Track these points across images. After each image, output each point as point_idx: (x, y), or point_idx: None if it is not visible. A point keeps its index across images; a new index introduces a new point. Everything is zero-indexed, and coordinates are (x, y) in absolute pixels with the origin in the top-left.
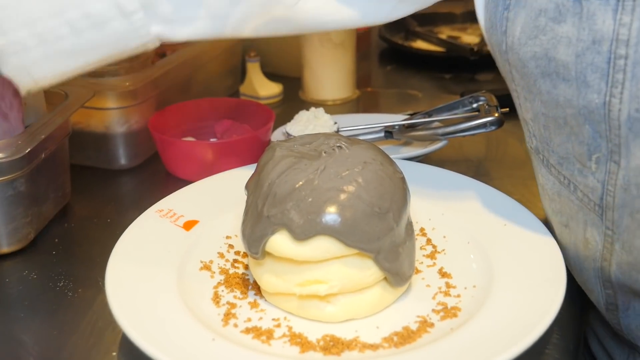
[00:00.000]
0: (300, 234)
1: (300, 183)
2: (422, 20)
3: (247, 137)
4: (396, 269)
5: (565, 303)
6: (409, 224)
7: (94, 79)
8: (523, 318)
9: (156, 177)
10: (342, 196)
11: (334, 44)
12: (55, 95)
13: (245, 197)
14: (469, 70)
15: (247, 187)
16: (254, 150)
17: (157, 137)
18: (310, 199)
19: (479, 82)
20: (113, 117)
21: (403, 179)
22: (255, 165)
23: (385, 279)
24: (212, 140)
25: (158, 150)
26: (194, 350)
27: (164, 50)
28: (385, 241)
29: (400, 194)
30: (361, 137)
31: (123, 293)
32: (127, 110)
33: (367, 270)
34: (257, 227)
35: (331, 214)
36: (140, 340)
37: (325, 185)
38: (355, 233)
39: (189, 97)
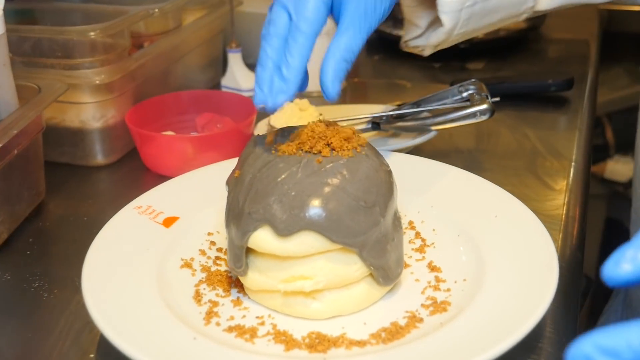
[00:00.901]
0: (284, 230)
1: (283, 177)
2: None
3: (229, 130)
4: (382, 264)
5: (558, 296)
6: (397, 218)
7: (68, 72)
8: (514, 311)
9: (134, 174)
10: (327, 189)
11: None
12: (27, 89)
13: (227, 193)
14: (459, 58)
15: (228, 183)
16: (235, 144)
17: (135, 131)
18: (293, 193)
19: (469, 70)
20: (88, 111)
21: (389, 172)
22: (237, 159)
23: (372, 274)
24: (192, 134)
25: (136, 145)
26: (174, 350)
27: (141, 41)
28: (371, 236)
29: (387, 187)
30: None
31: (100, 293)
32: (103, 104)
33: (353, 265)
34: (239, 224)
35: (315, 209)
36: (119, 340)
37: (308, 178)
38: (340, 228)
39: (168, 90)
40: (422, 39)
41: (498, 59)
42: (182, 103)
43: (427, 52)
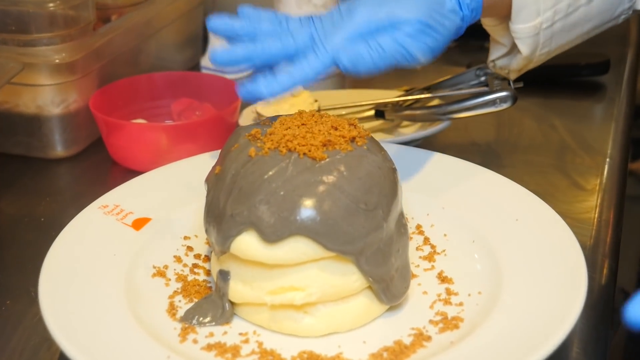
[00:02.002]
0: (271, 235)
1: (270, 173)
2: None
3: (209, 118)
4: (384, 276)
5: (586, 312)
6: (402, 224)
7: (23, 49)
8: (535, 330)
9: (99, 168)
10: (321, 189)
11: (314, 6)
12: None
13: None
14: (478, 36)
15: (207, 181)
16: (217, 135)
17: (100, 118)
18: (282, 193)
19: (489, 50)
20: (47, 95)
21: (394, 170)
22: (218, 152)
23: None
24: (167, 122)
25: (102, 135)
26: None
27: (108, 14)
28: (372, 244)
29: (391, 187)
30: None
31: (60, 305)
32: (64, 86)
33: (351, 275)
34: (219, 228)
35: (308, 211)
36: (82, 359)
37: (300, 175)
38: (336, 234)
39: (138, 71)
40: (507, 59)
41: None
42: (156, 86)
43: (512, 76)
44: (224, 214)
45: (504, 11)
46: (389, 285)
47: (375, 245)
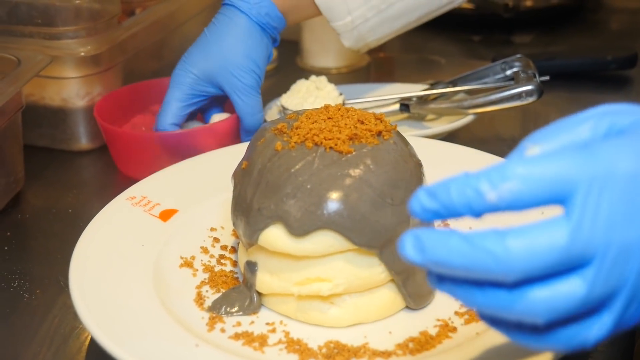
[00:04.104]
0: (298, 229)
1: (297, 167)
2: None
3: (222, 123)
4: (404, 269)
5: None
6: None
7: (49, 42)
8: None
9: None
10: (348, 182)
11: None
12: (4, 61)
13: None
14: (503, 30)
15: (234, 176)
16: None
17: (105, 126)
18: (309, 186)
19: (514, 44)
20: (72, 87)
21: (420, 164)
22: (243, 144)
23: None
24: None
25: (106, 141)
26: (174, 358)
27: (132, 7)
28: (396, 239)
29: (417, 181)
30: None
31: (90, 294)
32: (89, 79)
33: (377, 267)
34: (247, 222)
35: (334, 205)
36: (112, 346)
37: (327, 169)
38: (363, 229)
39: (162, 64)
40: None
41: (549, 32)
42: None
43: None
44: (251, 208)
45: (311, 12)
46: (409, 278)
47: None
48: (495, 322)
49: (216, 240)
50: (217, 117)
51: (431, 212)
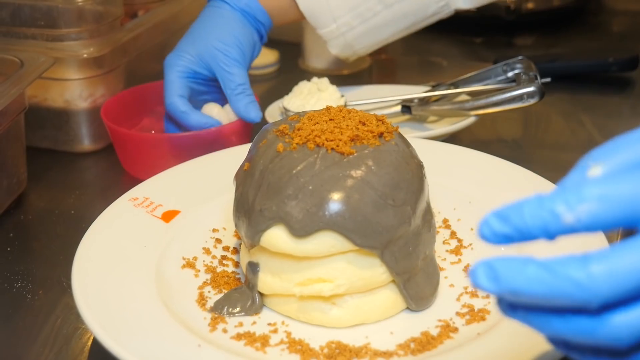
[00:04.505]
0: (300, 230)
1: (299, 168)
2: None
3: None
4: (405, 270)
5: None
6: (427, 220)
7: (52, 43)
8: None
9: None
10: (349, 183)
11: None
12: (7, 63)
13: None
14: (505, 32)
15: (236, 177)
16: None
17: (112, 128)
18: (310, 187)
19: (516, 46)
20: (74, 89)
21: (421, 166)
22: (245, 145)
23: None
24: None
25: (113, 144)
26: (177, 358)
27: (135, 9)
28: (398, 240)
29: (418, 183)
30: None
31: (93, 294)
32: (91, 81)
33: (378, 267)
34: (249, 223)
35: (336, 207)
36: (115, 346)
37: (328, 170)
38: (364, 230)
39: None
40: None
41: (551, 34)
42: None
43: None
44: (253, 209)
45: (296, 16)
46: (410, 279)
47: (401, 241)
48: (570, 347)
49: (218, 241)
50: (209, 107)
51: (503, 237)
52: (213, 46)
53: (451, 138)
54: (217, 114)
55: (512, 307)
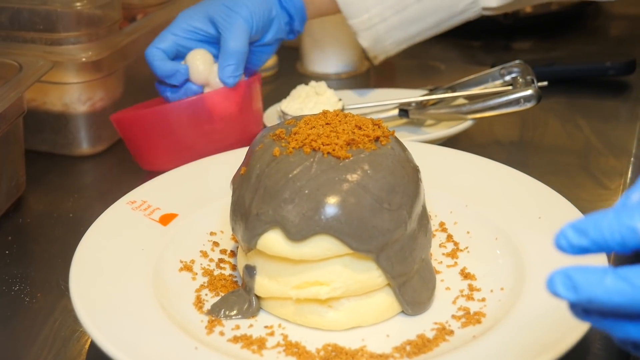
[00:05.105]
0: (296, 234)
1: (295, 172)
2: None
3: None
4: (401, 273)
5: None
6: (423, 224)
7: (51, 47)
8: (556, 325)
9: (125, 165)
10: (345, 187)
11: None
12: (5, 67)
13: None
14: (502, 36)
15: (233, 182)
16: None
17: (115, 119)
18: (307, 191)
19: (514, 50)
20: (73, 93)
21: (417, 170)
22: (242, 149)
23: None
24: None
25: (122, 138)
26: None
27: (133, 13)
28: (393, 244)
29: (414, 187)
30: (371, 117)
31: (90, 297)
32: (90, 84)
33: (374, 270)
34: (246, 226)
35: (332, 211)
36: (113, 349)
37: (324, 174)
38: (360, 235)
39: None
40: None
41: (548, 38)
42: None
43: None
44: (249, 213)
45: (329, 7)
46: (405, 283)
47: (396, 244)
48: (639, 347)
49: (216, 244)
50: (194, 54)
51: (580, 249)
52: (223, 3)
53: (448, 142)
54: (202, 61)
55: (586, 312)
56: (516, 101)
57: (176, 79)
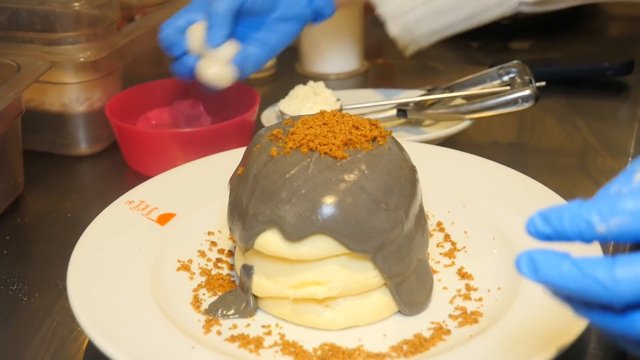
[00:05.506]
0: (293, 235)
1: (292, 172)
2: None
3: (227, 124)
4: (397, 273)
5: None
6: (420, 224)
7: (49, 47)
8: (553, 324)
9: (123, 165)
10: (343, 187)
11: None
12: (4, 67)
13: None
14: (501, 37)
15: (230, 182)
16: (237, 140)
17: (116, 124)
18: (304, 191)
19: (512, 50)
20: (71, 93)
21: (414, 170)
22: (240, 149)
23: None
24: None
25: (117, 140)
26: (171, 359)
27: (132, 14)
28: (390, 244)
29: (411, 187)
30: (369, 117)
31: (88, 297)
32: (88, 84)
33: (371, 270)
34: (243, 227)
35: (329, 211)
36: (110, 349)
37: (322, 174)
38: (357, 235)
39: (161, 70)
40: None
41: (547, 38)
42: (173, 90)
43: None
44: (247, 213)
45: None
46: (402, 283)
47: (393, 245)
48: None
49: (213, 244)
50: (193, 26)
51: (544, 235)
52: None
53: (446, 142)
54: (196, 30)
55: (554, 292)
56: (514, 101)
57: (176, 50)
